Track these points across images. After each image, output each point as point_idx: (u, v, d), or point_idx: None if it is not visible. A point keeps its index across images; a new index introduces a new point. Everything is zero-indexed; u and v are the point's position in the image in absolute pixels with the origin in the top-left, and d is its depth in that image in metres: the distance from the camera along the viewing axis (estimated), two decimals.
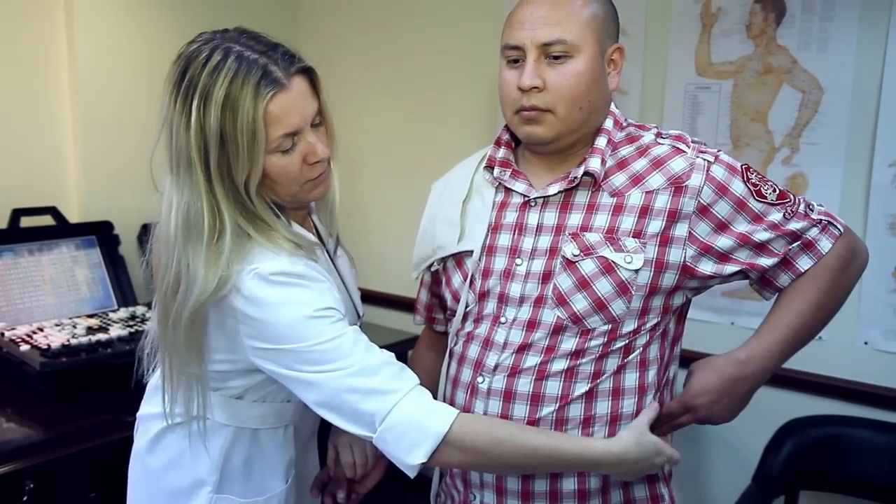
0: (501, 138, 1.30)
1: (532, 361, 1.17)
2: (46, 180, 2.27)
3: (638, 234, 1.15)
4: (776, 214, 1.18)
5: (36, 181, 2.25)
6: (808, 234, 1.19)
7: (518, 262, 1.21)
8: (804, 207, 1.21)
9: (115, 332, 1.94)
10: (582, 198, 1.20)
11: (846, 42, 1.81)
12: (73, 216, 2.28)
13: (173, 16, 2.45)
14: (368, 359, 1.08)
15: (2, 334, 1.90)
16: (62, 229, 2.20)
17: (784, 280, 1.21)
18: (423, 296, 1.44)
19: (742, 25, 1.95)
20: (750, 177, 1.19)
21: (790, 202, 1.19)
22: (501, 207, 1.25)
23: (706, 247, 1.16)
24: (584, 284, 1.15)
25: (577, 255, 1.16)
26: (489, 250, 1.24)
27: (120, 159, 2.32)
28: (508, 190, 1.26)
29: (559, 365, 1.16)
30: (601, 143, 1.21)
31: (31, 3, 2.19)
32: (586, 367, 1.16)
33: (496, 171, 1.27)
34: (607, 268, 1.15)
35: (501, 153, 1.28)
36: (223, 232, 1.08)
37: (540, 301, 1.18)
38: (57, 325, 2.00)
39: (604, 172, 1.19)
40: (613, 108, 1.25)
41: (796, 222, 1.18)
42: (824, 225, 1.20)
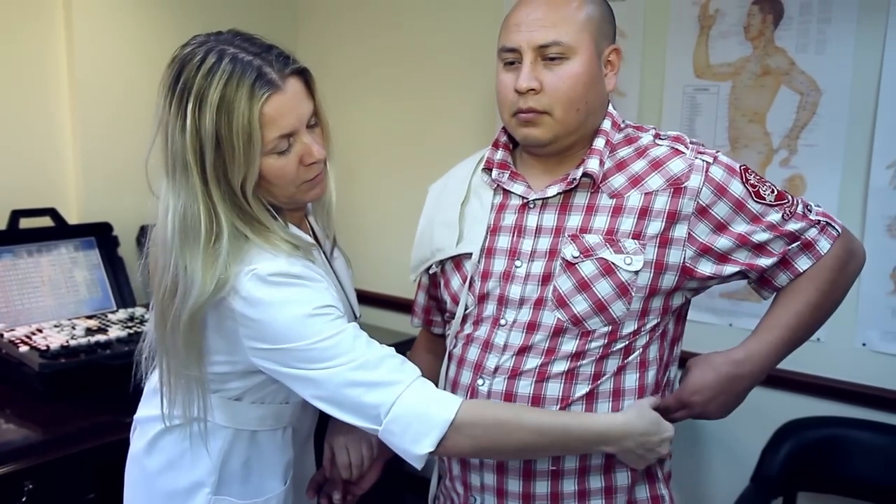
0: (499, 140, 1.30)
1: (532, 363, 1.17)
2: (45, 181, 2.27)
3: (637, 236, 1.15)
4: (775, 215, 1.18)
5: (35, 182, 2.25)
6: (806, 235, 1.19)
7: (517, 264, 1.21)
8: (802, 208, 1.21)
9: (114, 333, 1.94)
10: (581, 199, 1.20)
11: (844, 44, 1.82)
12: (72, 217, 2.29)
13: (172, 17, 2.45)
14: (369, 353, 1.08)
15: (1, 335, 1.91)
16: (61, 231, 2.20)
17: (783, 280, 1.21)
18: (421, 298, 1.44)
19: (740, 27, 1.95)
20: (748, 178, 1.19)
21: (788, 203, 1.20)
22: (500, 209, 1.26)
23: (705, 247, 1.17)
24: (584, 286, 1.15)
25: (576, 257, 1.16)
26: (488, 252, 1.24)
27: (119, 160, 2.32)
28: (507, 192, 1.26)
29: (559, 367, 1.16)
30: (599, 144, 1.21)
31: (30, 5, 2.19)
32: (587, 368, 1.16)
33: (494, 172, 1.27)
34: (607, 269, 1.15)
35: (499, 155, 1.29)
36: (220, 234, 1.08)
37: (540, 303, 1.18)
38: (56, 326, 2.00)
39: (602, 174, 1.19)
40: (611, 109, 1.25)
41: (795, 223, 1.19)
42: (823, 225, 1.21)
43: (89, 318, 2.10)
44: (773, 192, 1.19)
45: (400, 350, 1.14)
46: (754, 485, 1.83)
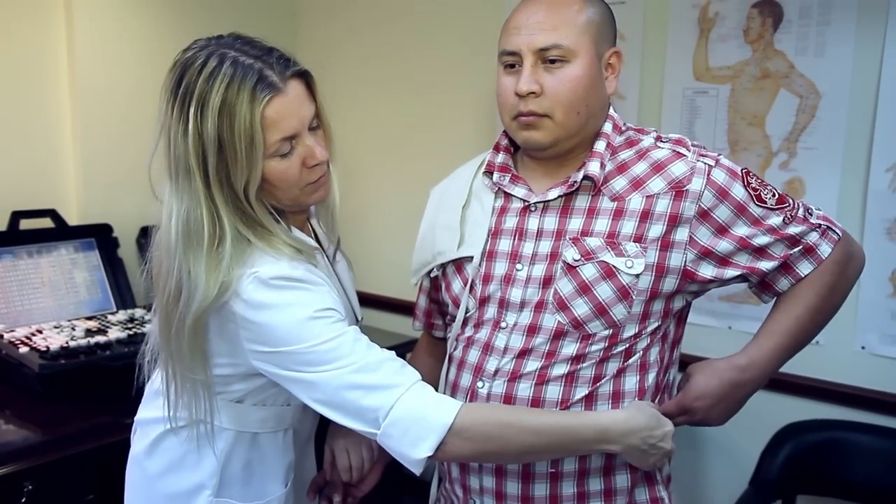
0: (500, 143, 1.31)
1: (532, 366, 1.17)
2: (45, 183, 2.27)
3: (639, 239, 1.15)
4: (776, 219, 1.18)
5: (35, 184, 2.24)
6: (807, 239, 1.19)
7: (518, 267, 1.21)
8: (803, 212, 1.21)
9: (114, 334, 1.94)
10: (582, 202, 1.20)
11: (843, 47, 1.82)
12: (72, 219, 2.28)
13: (173, 18, 2.44)
14: (369, 356, 1.08)
15: (1, 336, 1.90)
16: (61, 232, 2.20)
17: (784, 284, 1.21)
18: (422, 301, 1.45)
19: (740, 30, 1.95)
20: (750, 181, 1.19)
21: (790, 207, 1.20)
22: (501, 212, 1.26)
23: (706, 251, 1.17)
24: (584, 289, 1.15)
25: (577, 260, 1.16)
26: (489, 255, 1.24)
27: (119, 162, 2.32)
28: (508, 195, 1.26)
29: (559, 370, 1.16)
30: (600, 146, 1.21)
31: (30, 6, 2.19)
32: (587, 371, 1.16)
33: (495, 176, 1.27)
34: (608, 272, 1.15)
35: (500, 158, 1.29)
36: (223, 238, 1.08)
37: (540, 306, 1.18)
38: (56, 327, 2.00)
39: (604, 176, 1.19)
40: (612, 112, 1.26)
41: (795, 227, 1.19)
42: (824, 229, 1.21)
43: (89, 319, 2.10)
44: (774, 195, 1.20)
45: (401, 351, 1.14)
46: (753, 488, 1.83)
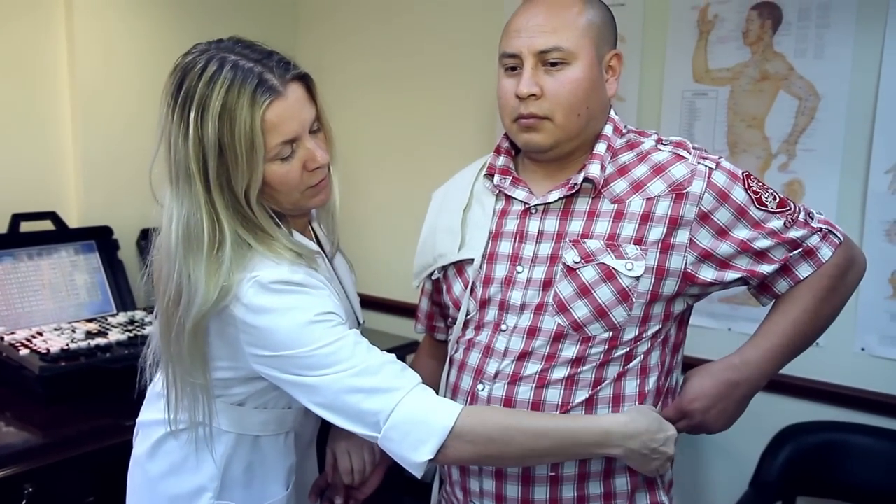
0: (501, 146, 1.31)
1: (532, 369, 1.17)
2: (46, 185, 2.27)
3: (639, 241, 1.15)
4: (776, 222, 1.18)
5: (35, 186, 2.24)
6: (808, 242, 1.19)
7: (519, 269, 1.21)
8: (804, 215, 1.21)
9: (114, 336, 1.94)
10: (583, 205, 1.20)
11: (842, 49, 1.82)
12: (72, 221, 2.28)
13: (174, 20, 2.44)
14: (370, 359, 1.08)
15: (1, 338, 1.90)
16: (62, 234, 2.20)
17: (783, 287, 1.21)
18: (424, 304, 1.45)
19: (739, 32, 1.96)
20: (751, 184, 1.19)
21: (790, 210, 1.20)
22: (502, 215, 1.26)
23: (707, 253, 1.17)
24: (584, 291, 1.15)
25: (577, 263, 1.16)
26: (490, 258, 1.24)
27: (120, 164, 2.32)
28: (509, 197, 1.26)
29: (560, 372, 1.16)
30: (600, 149, 1.21)
31: (30, 7, 2.19)
32: (587, 374, 1.16)
33: (496, 178, 1.27)
34: (608, 275, 1.15)
35: (501, 161, 1.29)
36: (223, 242, 1.08)
37: (541, 308, 1.18)
38: (56, 329, 2.00)
39: (604, 179, 1.20)
40: (613, 114, 1.26)
41: (796, 230, 1.19)
42: (825, 233, 1.21)
43: (89, 321, 2.10)
44: (775, 199, 1.20)
45: (403, 353, 1.14)
46: (753, 489, 1.83)
